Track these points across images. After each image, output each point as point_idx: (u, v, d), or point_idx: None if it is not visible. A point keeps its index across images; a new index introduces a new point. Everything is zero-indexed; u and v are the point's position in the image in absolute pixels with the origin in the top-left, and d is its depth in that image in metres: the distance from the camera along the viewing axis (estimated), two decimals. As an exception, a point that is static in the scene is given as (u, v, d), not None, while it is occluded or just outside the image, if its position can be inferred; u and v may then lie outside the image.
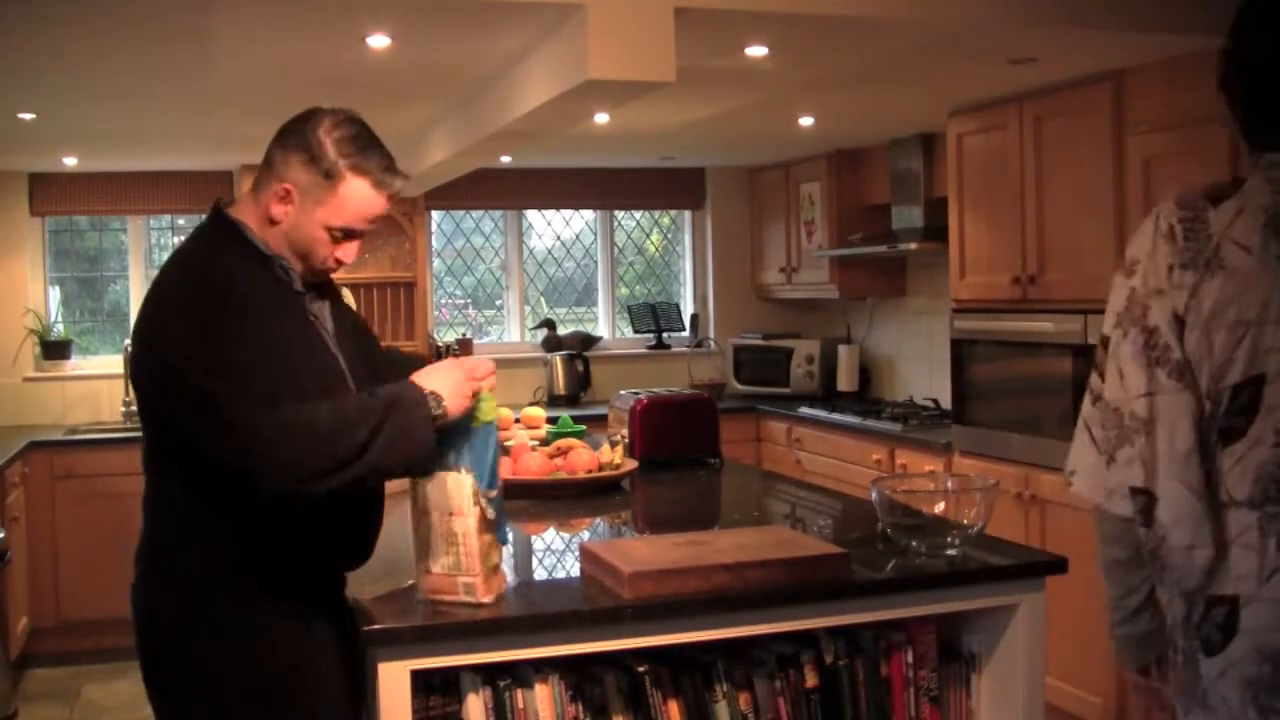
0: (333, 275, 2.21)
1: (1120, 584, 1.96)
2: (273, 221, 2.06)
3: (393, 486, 2.21)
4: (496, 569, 2.15)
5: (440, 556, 2.10)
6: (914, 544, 2.45)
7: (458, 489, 2.08)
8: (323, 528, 2.09)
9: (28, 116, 4.49)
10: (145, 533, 2.13)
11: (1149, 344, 1.83)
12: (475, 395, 2.09)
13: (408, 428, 1.98)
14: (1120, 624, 1.98)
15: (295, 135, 2.06)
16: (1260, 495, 1.78)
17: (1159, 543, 1.84)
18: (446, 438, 2.07)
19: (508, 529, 2.23)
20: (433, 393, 2.02)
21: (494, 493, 2.10)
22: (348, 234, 2.10)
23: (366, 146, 2.09)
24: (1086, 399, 1.95)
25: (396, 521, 2.29)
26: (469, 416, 2.09)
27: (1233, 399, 1.79)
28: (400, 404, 1.98)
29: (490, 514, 2.10)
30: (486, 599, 2.11)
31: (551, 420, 4.14)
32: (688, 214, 7.30)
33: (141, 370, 2.05)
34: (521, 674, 2.15)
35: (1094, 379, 1.93)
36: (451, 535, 2.08)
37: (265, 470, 1.91)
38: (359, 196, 2.07)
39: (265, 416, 1.89)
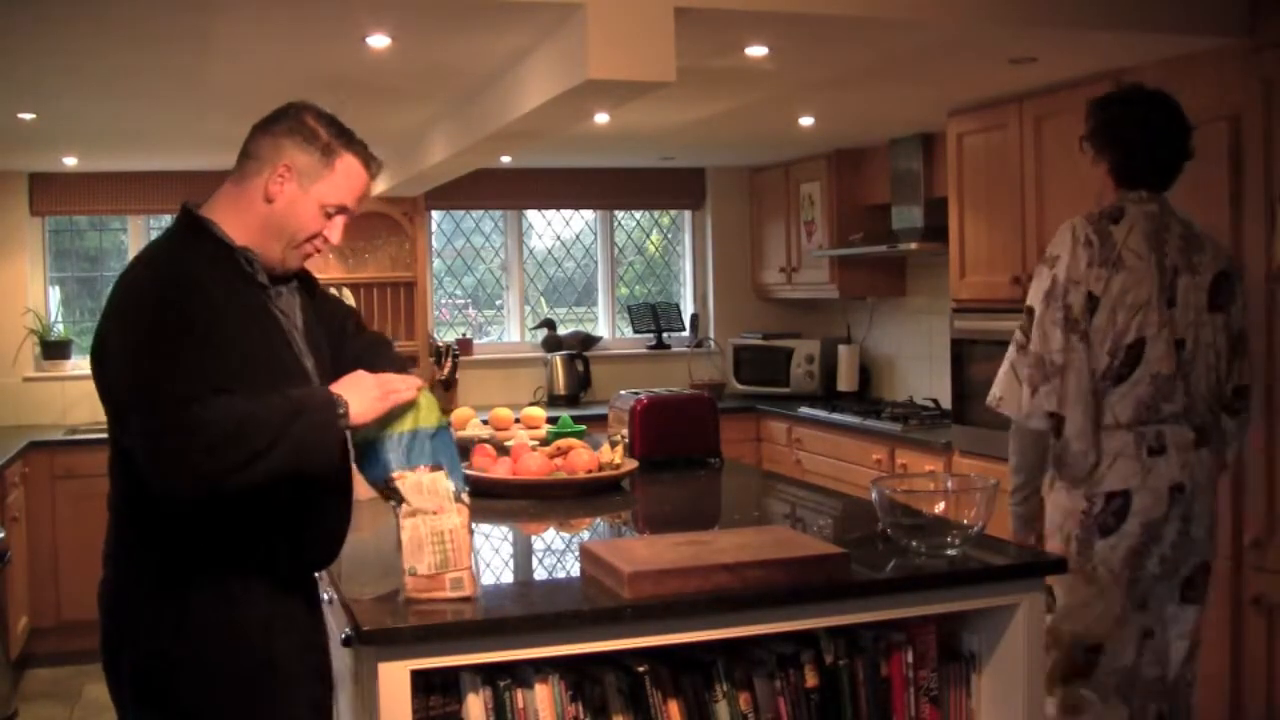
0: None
1: (1023, 476, 2.90)
2: (269, 200, 2.09)
3: (365, 491, 2.24)
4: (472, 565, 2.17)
5: (427, 556, 2.11)
6: (914, 544, 2.45)
7: (434, 488, 2.10)
8: (285, 527, 2.10)
9: (28, 116, 4.49)
10: (111, 534, 2.17)
11: (1067, 317, 2.75)
12: (409, 403, 2.13)
13: (312, 432, 2.01)
14: (1019, 504, 2.91)
15: (284, 122, 2.13)
16: (1136, 419, 2.77)
17: (1063, 449, 2.79)
18: (391, 445, 2.13)
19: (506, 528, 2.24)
20: (340, 398, 2.05)
21: (466, 493, 2.16)
22: (339, 211, 2.16)
23: (348, 130, 2.17)
24: (1013, 349, 2.86)
25: (394, 521, 2.28)
26: (402, 420, 2.14)
27: (1126, 354, 2.76)
28: (308, 408, 2.01)
29: (467, 508, 2.14)
30: (472, 593, 2.12)
31: (551, 420, 4.14)
32: (688, 214, 7.30)
33: (97, 369, 2.08)
34: (521, 674, 2.15)
35: (1019, 335, 2.85)
36: (437, 534, 2.10)
37: (159, 470, 1.93)
38: (354, 172, 2.15)
39: (171, 417, 1.90)
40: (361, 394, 2.08)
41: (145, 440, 1.93)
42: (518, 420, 4.19)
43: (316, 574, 2.30)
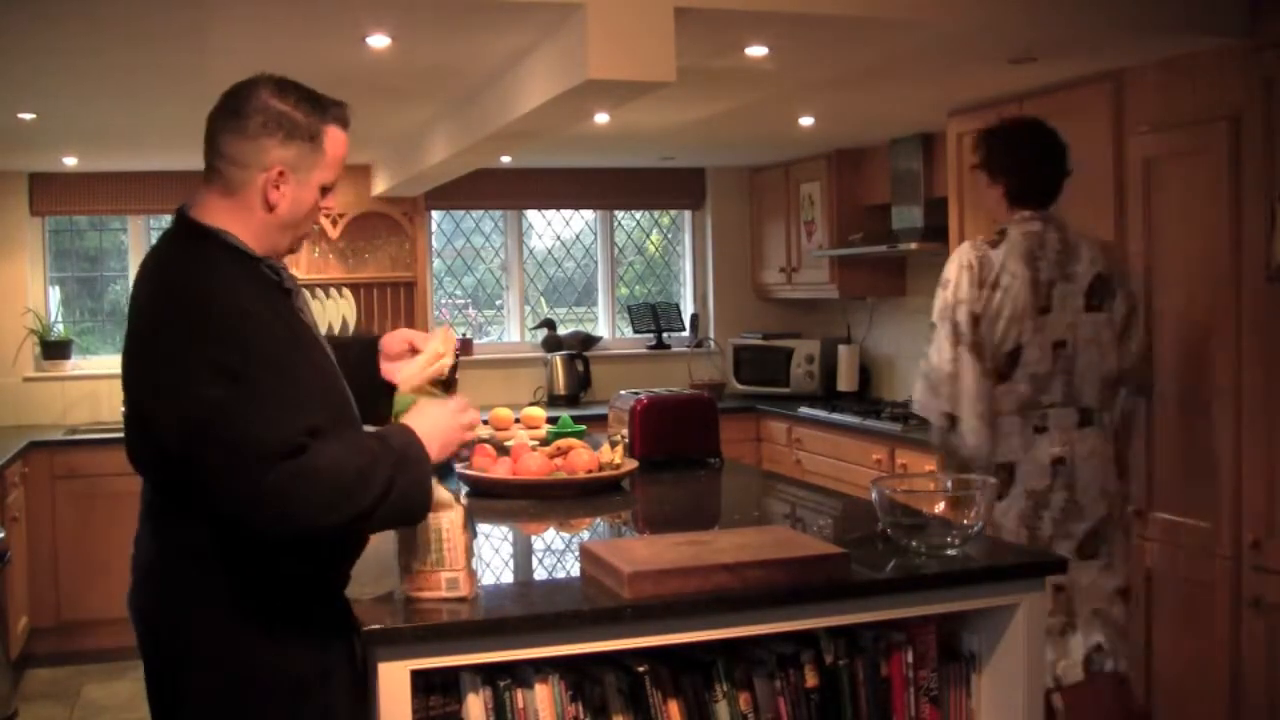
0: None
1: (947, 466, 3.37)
2: (271, 208, 1.99)
3: None
4: (471, 566, 2.16)
5: (424, 555, 2.11)
6: (914, 544, 2.45)
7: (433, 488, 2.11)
8: (344, 552, 2.10)
9: (28, 116, 4.49)
10: (151, 539, 2.06)
11: (955, 332, 3.24)
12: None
13: (416, 481, 1.98)
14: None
15: (253, 118, 1.98)
16: (1019, 409, 3.27)
17: (960, 441, 3.27)
18: None
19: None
20: (425, 444, 2.02)
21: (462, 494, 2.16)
22: (330, 187, 2.09)
23: (311, 94, 2.05)
24: (923, 361, 3.32)
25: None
26: None
27: (1005, 360, 3.25)
28: (407, 460, 1.96)
29: (467, 510, 2.14)
30: (468, 593, 2.12)
31: (551, 420, 4.14)
32: (688, 214, 7.30)
33: (150, 392, 1.95)
34: (521, 674, 2.15)
35: (928, 348, 3.31)
36: (436, 533, 2.10)
37: (263, 518, 1.86)
38: (339, 139, 2.06)
39: (280, 467, 1.83)
40: (443, 436, 2.08)
41: (243, 485, 1.84)
42: (518, 420, 4.19)
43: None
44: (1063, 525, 3.27)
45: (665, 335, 7.11)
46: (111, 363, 6.24)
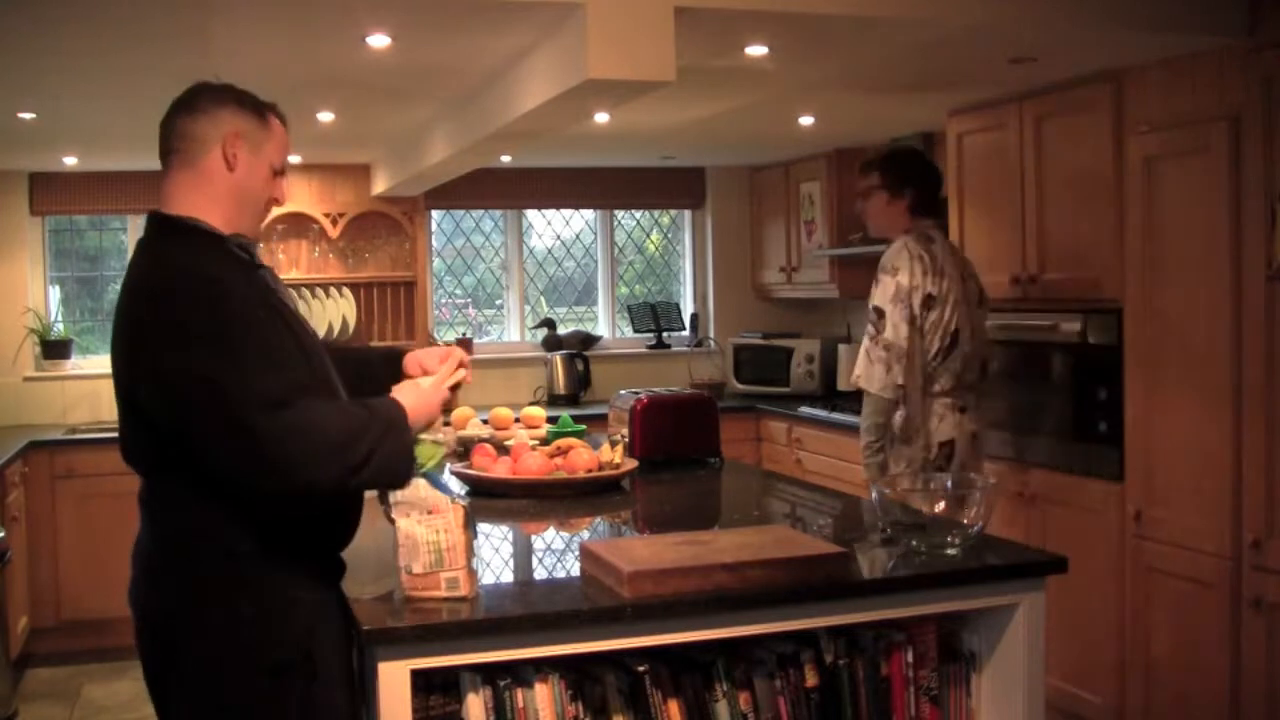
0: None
1: (875, 435, 3.65)
2: (232, 168, 2.13)
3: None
4: (471, 566, 2.17)
5: (421, 556, 2.11)
6: (914, 543, 2.45)
7: (425, 492, 2.12)
8: (323, 514, 2.12)
9: (28, 116, 4.49)
10: (148, 532, 2.12)
11: (910, 314, 3.62)
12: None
13: (399, 448, 2.08)
14: (873, 456, 3.66)
15: (205, 97, 2.18)
16: (952, 388, 3.70)
17: (906, 415, 3.63)
18: None
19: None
20: (410, 414, 2.13)
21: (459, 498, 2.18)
22: (281, 171, 2.24)
23: (247, 92, 2.23)
24: (867, 339, 3.67)
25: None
26: None
27: (951, 339, 3.67)
28: (394, 424, 2.09)
29: (468, 510, 2.15)
30: (469, 593, 2.13)
31: (551, 420, 4.14)
32: (688, 213, 7.30)
33: (140, 374, 2.03)
34: (521, 673, 2.15)
35: (871, 329, 3.67)
36: (433, 533, 2.10)
37: (270, 472, 1.94)
38: (282, 131, 2.24)
39: (272, 418, 1.93)
40: (420, 399, 2.18)
41: (238, 439, 1.93)
42: (518, 420, 4.19)
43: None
44: None
45: (665, 335, 7.11)
46: (111, 362, 6.23)
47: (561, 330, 7.01)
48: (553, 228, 7.21)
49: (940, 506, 2.57)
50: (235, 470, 1.96)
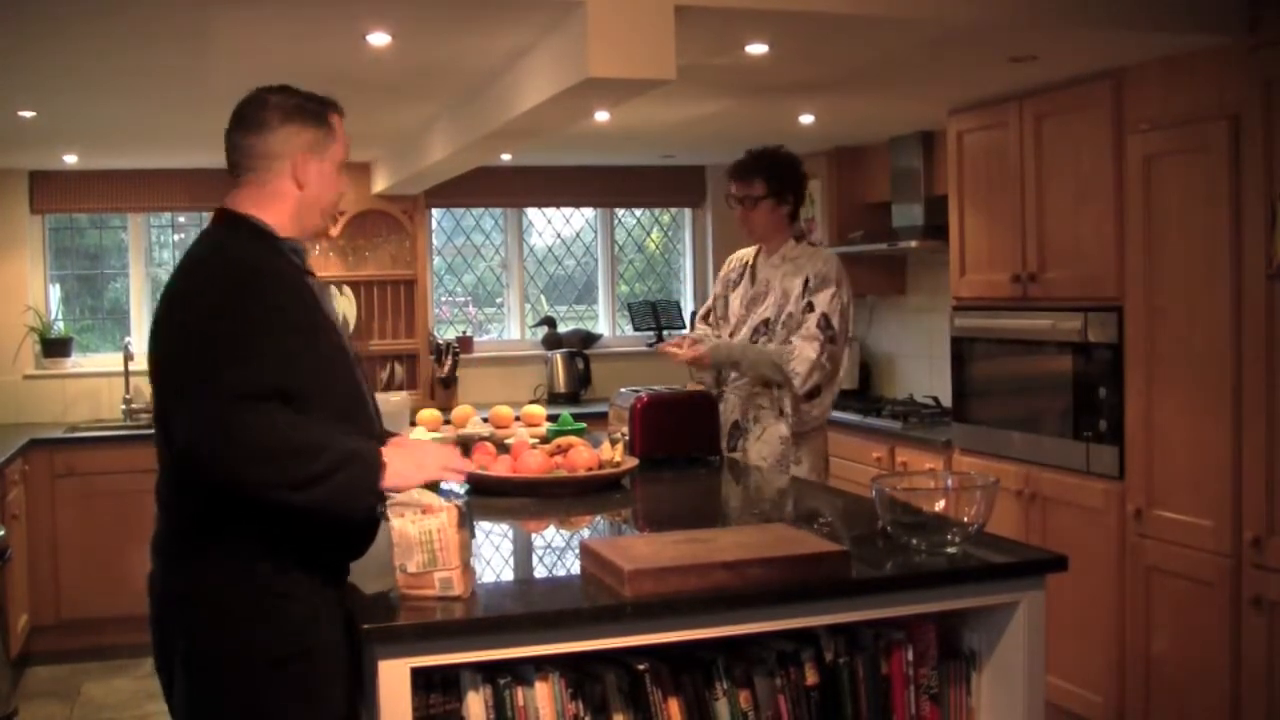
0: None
1: (748, 377, 4.01)
2: (302, 186, 2.20)
3: None
4: (468, 565, 2.17)
5: (415, 555, 2.11)
6: (914, 542, 2.45)
7: (418, 492, 2.12)
8: (335, 523, 2.13)
9: (28, 114, 4.49)
10: (161, 521, 2.17)
11: (845, 325, 3.90)
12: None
13: (356, 484, 2.06)
14: (742, 377, 4.03)
15: (268, 113, 2.21)
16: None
17: (820, 409, 3.95)
18: None
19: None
20: (386, 465, 2.09)
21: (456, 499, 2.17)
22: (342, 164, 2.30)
23: (308, 93, 2.28)
24: (818, 345, 3.82)
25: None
26: None
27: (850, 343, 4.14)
28: (360, 460, 2.07)
29: (463, 509, 2.14)
30: (462, 592, 2.13)
31: (552, 418, 4.14)
32: (688, 211, 7.30)
33: (160, 357, 2.11)
34: (522, 672, 2.15)
35: (821, 334, 3.82)
36: (425, 533, 2.10)
37: (205, 451, 1.97)
38: (341, 123, 2.30)
39: (240, 414, 1.96)
40: (413, 467, 2.15)
41: (195, 420, 1.97)
42: (518, 418, 4.19)
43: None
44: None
45: (666, 333, 7.11)
46: (112, 360, 6.24)
47: (562, 329, 7.01)
48: (553, 226, 7.21)
49: (940, 505, 2.57)
50: (186, 441, 1.99)
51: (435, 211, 6.86)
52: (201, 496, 2.06)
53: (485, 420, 4.17)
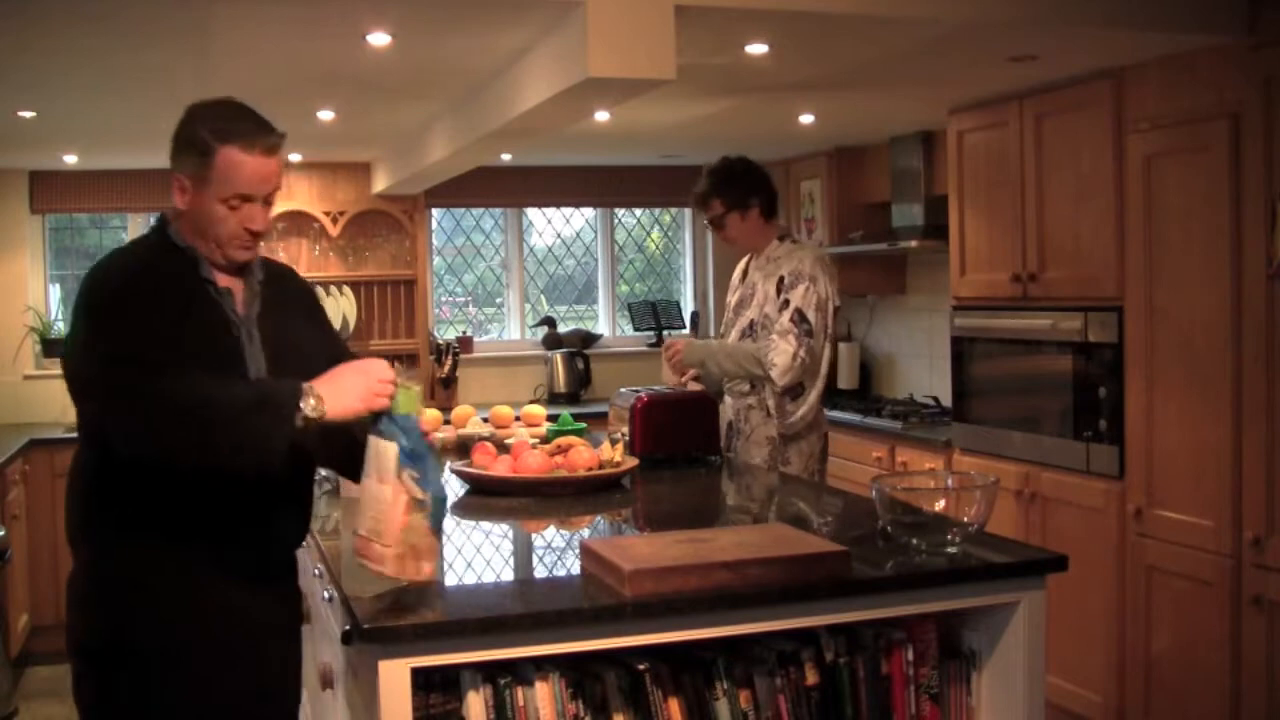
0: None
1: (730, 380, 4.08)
2: (182, 208, 2.22)
3: (350, 489, 2.32)
4: (420, 554, 2.11)
5: (364, 518, 2.10)
6: (914, 542, 2.45)
7: (384, 455, 2.10)
8: (243, 508, 2.18)
9: (28, 114, 4.49)
10: (69, 517, 2.25)
11: (826, 322, 3.92)
12: (392, 394, 2.15)
13: (266, 429, 2.05)
14: (721, 382, 4.10)
15: (179, 136, 2.23)
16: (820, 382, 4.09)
17: (804, 408, 3.99)
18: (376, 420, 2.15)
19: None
20: (312, 390, 2.08)
21: (426, 494, 2.10)
22: (243, 199, 2.20)
23: (233, 118, 2.22)
24: (795, 342, 3.85)
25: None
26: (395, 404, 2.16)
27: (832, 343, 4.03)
28: (269, 403, 2.07)
29: (419, 495, 2.09)
30: (389, 572, 2.08)
31: (552, 418, 4.14)
32: (688, 211, 7.30)
33: (64, 357, 2.24)
34: (522, 672, 2.15)
35: (797, 330, 3.86)
36: (377, 500, 2.09)
37: (116, 431, 2.05)
38: (233, 162, 2.17)
39: (126, 380, 2.03)
40: (345, 387, 2.12)
41: (111, 397, 2.05)
42: (518, 418, 4.19)
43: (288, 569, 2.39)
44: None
45: (666, 333, 7.11)
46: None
47: (562, 328, 7.01)
48: (553, 226, 7.21)
49: (940, 505, 2.57)
50: (108, 425, 2.06)
51: (435, 211, 6.86)
52: (79, 488, 2.18)
53: (485, 420, 4.17)
